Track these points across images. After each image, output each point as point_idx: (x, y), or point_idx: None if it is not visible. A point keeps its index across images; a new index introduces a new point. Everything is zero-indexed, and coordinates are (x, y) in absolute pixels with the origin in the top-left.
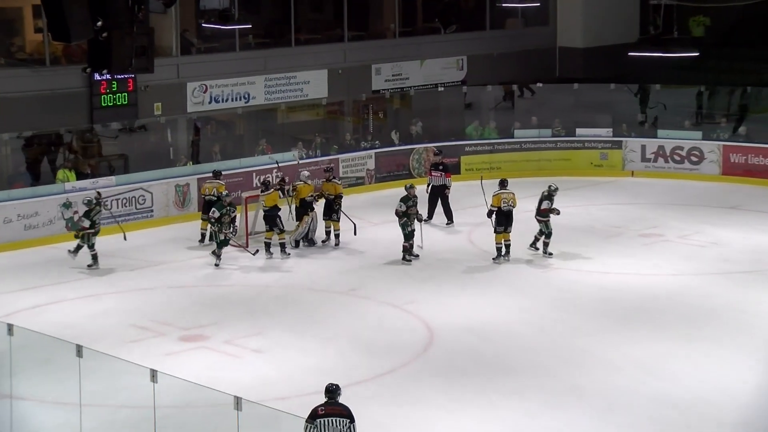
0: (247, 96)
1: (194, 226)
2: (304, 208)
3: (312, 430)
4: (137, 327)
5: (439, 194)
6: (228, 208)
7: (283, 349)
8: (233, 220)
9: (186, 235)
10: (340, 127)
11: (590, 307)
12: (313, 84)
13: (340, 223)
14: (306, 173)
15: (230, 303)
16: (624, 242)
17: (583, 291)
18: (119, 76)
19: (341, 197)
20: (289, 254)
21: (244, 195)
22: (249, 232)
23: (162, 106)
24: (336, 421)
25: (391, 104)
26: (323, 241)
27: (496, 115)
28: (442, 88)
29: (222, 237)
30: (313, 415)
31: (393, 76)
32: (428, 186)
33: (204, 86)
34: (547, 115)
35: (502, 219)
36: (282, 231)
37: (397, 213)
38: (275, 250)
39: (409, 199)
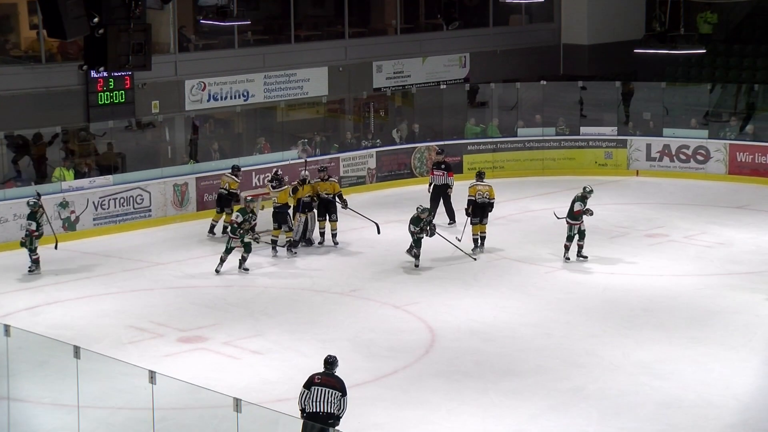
0: (246, 94)
1: (193, 226)
2: (301, 209)
3: (306, 395)
4: (135, 328)
5: (441, 194)
6: (250, 215)
7: (283, 350)
8: (253, 228)
9: (184, 235)
10: (340, 126)
11: (594, 308)
12: (313, 81)
13: (341, 223)
14: (305, 173)
15: (229, 304)
16: (629, 242)
17: (587, 292)
18: (116, 74)
19: (341, 195)
20: (296, 253)
21: (244, 194)
22: None
23: (159, 104)
24: (328, 391)
25: (393, 102)
26: (319, 243)
27: (500, 113)
28: (445, 86)
29: (235, 245)
30: (309, 382)
31: (394, 73)
32: (430, 185)
33: (202, 84)
34: (551, 113)
35: (477, 211)
36: (291, 229)
37: (410, 233)
38: (277, 249)
39: (420, 221)
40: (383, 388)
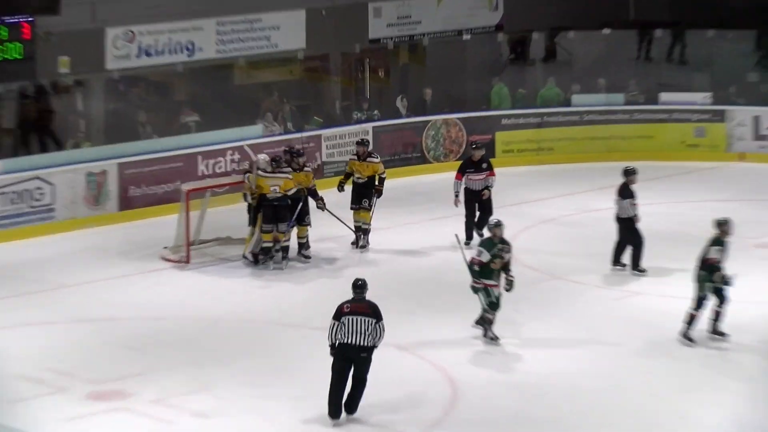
0: (191, 47)
1: (113, 232)
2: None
3: (336, 327)
4: (29, 379)
5: (478, 198)
6: (500, 246)
7: (239, 412)
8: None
9: (101, 245)
10: (323, 91)
11: (684, 350)
12: (284, 30)
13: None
14: (265, 158)
15: (163, 344)
16: (731, 255)
17: (675, 326)
18: (10, 20)
19: (316, 191)
20: (311, 257)
21: (185, 187)
22: (191, 240)
23: (71, 62)
24: (361, 320)
25: (397, 59)
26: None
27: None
28: (469, 36)
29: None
30: (339, 313)
31: (399, 19)
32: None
33: (130, 33)
34: (618, 74)
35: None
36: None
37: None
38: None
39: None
40: None
